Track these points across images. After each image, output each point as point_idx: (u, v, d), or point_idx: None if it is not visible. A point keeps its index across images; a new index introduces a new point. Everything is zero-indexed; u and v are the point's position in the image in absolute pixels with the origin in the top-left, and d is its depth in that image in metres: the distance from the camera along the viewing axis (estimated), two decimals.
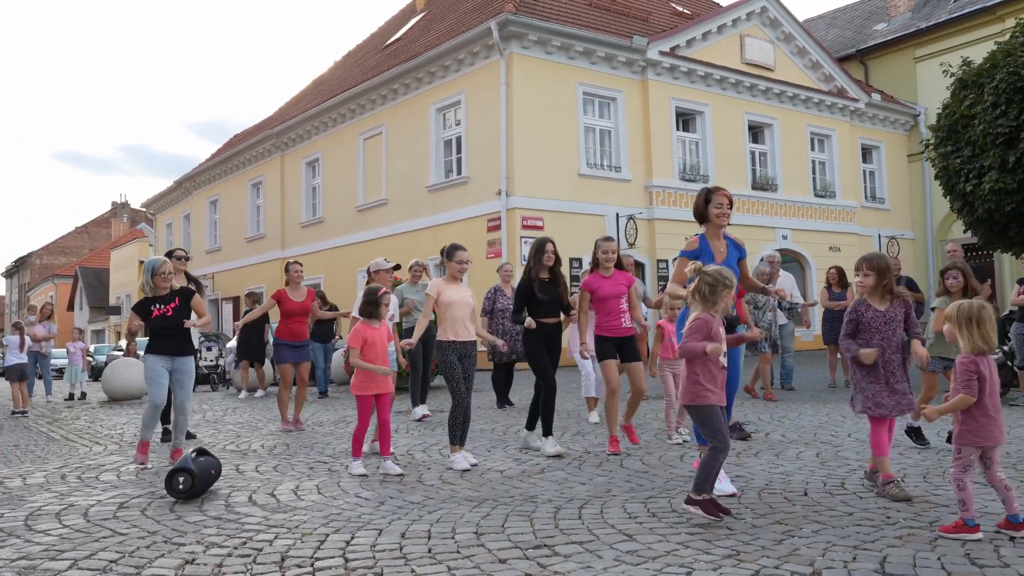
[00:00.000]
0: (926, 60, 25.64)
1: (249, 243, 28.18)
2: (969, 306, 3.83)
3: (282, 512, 4.58)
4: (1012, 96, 11.42)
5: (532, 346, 6.40)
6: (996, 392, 3.78)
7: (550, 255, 6.42)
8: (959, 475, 3.72)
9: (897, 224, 25.65)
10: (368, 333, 5.90)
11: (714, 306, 4.27)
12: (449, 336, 5.98)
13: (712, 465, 4.09)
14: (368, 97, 21.99)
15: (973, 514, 3.64)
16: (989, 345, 3.78)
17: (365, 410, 5.87)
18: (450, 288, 6.06)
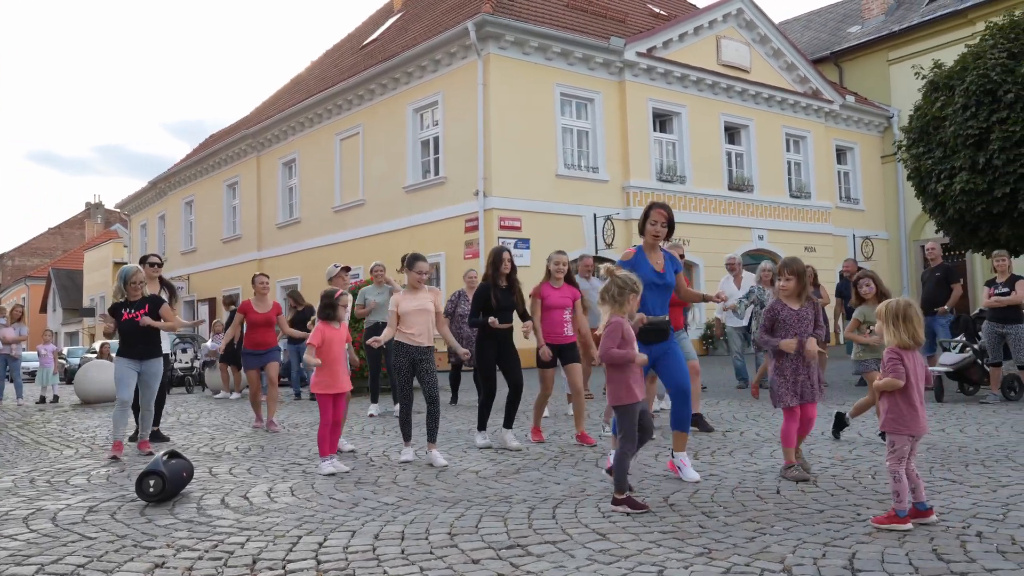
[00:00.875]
0: (899, 62, 25.94)
1: (225, 244, 27.95)
2: (896, 303, 3.99)
3: (255, 514, 4.55)
4: (982, 98, 11.58)
5: (483, 351, 6.76)
6: (920, 387, 3.94)
7: (507, 263, 6.72)
8: (895, 467, 3.85)
9: (871, 224, 25.93)
10: (327, 332, 6.07)
11: (622, 308, 4.54)
12: (403, 338, 6.21)
13: (624, 463, 4.37)
14: (345, 97, 21.90)
15: (905, 506, 3.76)
16: (915, 340, 3.93)
17: (326, 409, 6.00)
18: (407, 299, 6.27)
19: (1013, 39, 11.87)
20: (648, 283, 5.07)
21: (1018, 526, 3.76)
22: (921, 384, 3.95)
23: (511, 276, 6.81)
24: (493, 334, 6.67)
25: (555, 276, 7.08)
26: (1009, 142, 11.13)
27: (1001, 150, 11.21)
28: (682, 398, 5.19)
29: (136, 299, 6.89)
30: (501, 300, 6.68)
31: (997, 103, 11.38)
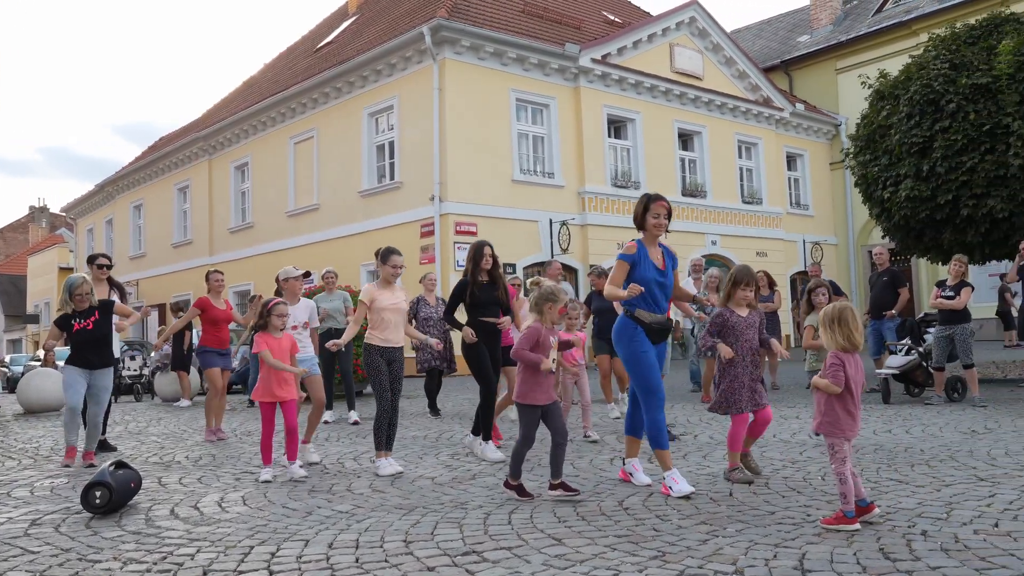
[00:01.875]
0: (846, 72, 26.57)
1: (175, 249, 27.43)
2: (832, 308, 4.09)
3: (205, 525, 4.46)
4: (925, 108, 11.89)
5: (473, 350, 6.43)
6: (858, 392, 4.01)
7: (488, 258, 6.48)
8: (839, 469, 3.92)
9: (820, 230, 26.48)
10: (269, 342, 5.91)
11: (542, 316, 4.85)
12: (377, 341, 5.97)
13: (520, 455, 4.83)
14: (299, 100, 21.67)
15: (852, 507, 3.84)
16: (851, 343, 4.00)
17: (268, 417, 5.89)
18: (382, 293, 6.03)
19: (954, 51, 12.22)
20: (651, 281, 4.94)
21: (961, 524, 3.87)
22: (858, 389, 4.02)
23: (493, 271, 6.55)
24: (482, 330, 6.41)
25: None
26: (951, 150, 11.44)
27: (943, 158, 11.52)
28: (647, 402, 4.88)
29: (84, 308, 6.65)
30: (480, 296, 6.45)
31: (940, 112, 11.69)
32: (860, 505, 3.89)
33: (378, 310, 5.96)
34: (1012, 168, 10.92)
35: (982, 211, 11.35)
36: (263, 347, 5.87)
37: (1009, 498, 4.35)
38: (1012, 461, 5.39)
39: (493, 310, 6.50)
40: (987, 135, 11.23)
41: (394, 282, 6.16)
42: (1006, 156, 11.01)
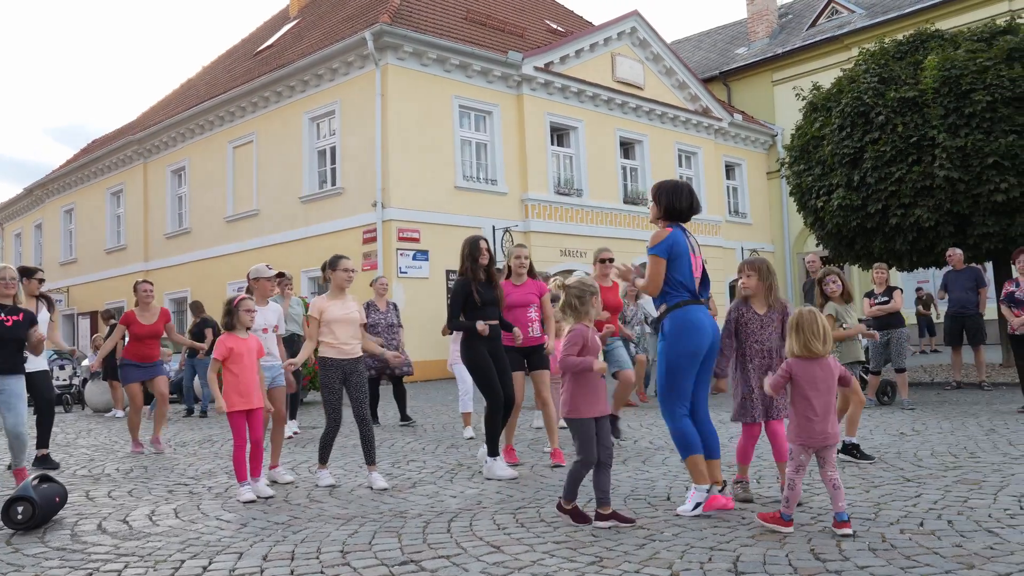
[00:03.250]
0: (782, 83, 27.27)
1: (108, 255, 26.64)
2: (797, 313, 4.09)
3: (134, 539, 4.33)
4: (856, 119, 12.28)
5: (476, 355, 5.82)
6: (820, 397, 3.94)
7: (485, 253, 5.92)
8: (791, 474, 3.96)
9: (758, 237, 27.07)
10: (233, 343, 5.50)
11: (586, 316, 4.35)
12: (332, 353, 5.67)
13: (579, 476, 4.27)
14: (238, 104, 21.29)
15: (791, 511, 3.91)
16: (808, 351, 3.97)
17: (240, 428, 5.43)
18: (334, 305, 5.71)
19: (883, 65, 12.65)
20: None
21: (888, 524, 3.98)
22: (819, 396, 3.93)
23: (489, 268, 5.96)
24: (480, 336, 5.81)
25: (516, 272, 6.40)
26: (880, 161, 11.84)
27: (873, 168, 11.91)
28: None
29: (7, 302, 5.94)
30: (484, 295, 5.86)
31: (869, 124, 12.09)
32: (837, 519, 3.84)
33: (329, 322, 5.66)
34: (937, 179, 11.34)
35: (910, 220, 11.76)
36: (224, 350, 5.43)
37: (934, 498, 4.50)
38: (937, 462, 5.58)
39: (493, 311, 5.93)
40: (914, 147, 11.64)
41: (347, 289, 5.86)
42: (932, 167, 11.43)
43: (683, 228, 4.59)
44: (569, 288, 4.38)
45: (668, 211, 4.60)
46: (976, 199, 11.34)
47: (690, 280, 4.46)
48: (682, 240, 4.48)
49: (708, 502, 4.31)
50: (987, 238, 11.55)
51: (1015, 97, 11.09)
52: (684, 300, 4.42)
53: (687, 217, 4.62)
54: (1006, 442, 6.28)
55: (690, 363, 4.40)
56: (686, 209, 4.60)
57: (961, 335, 10.80)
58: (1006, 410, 8.26)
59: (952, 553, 3.47)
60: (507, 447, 6.22)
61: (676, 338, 4.40)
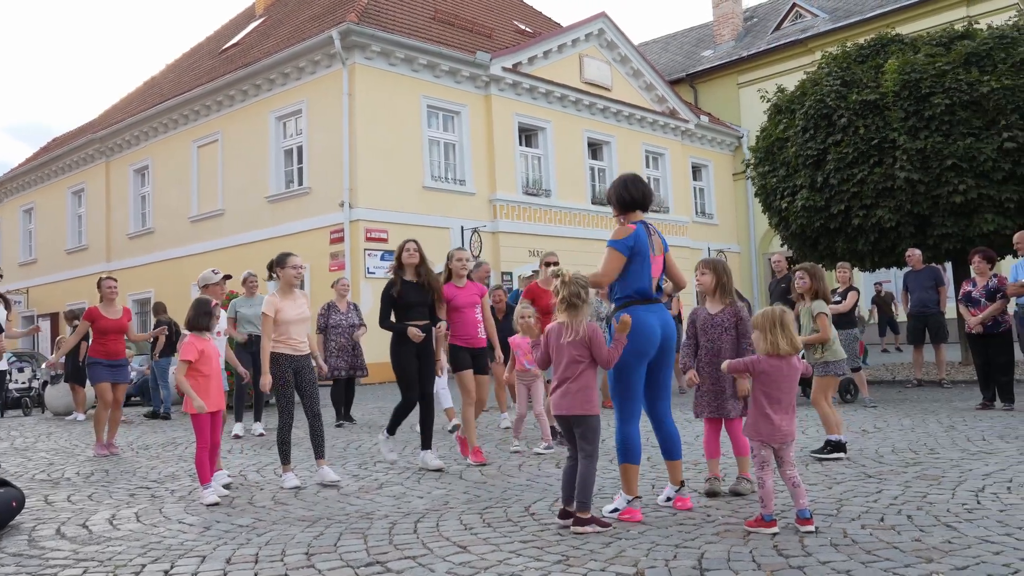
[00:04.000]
0: (747, 86, 27.60)
1: (70, 255, 26.14)
2: (771, 311, 4.10)
3: (94, 544, 4.25)
4: (819, 122, 12.46)
5: (399, 355, 6.08)
6: (782, 395, 4.00)
7: (412, 252, 6.13)
8: (758, 473, 3.99)
9: (724, 238, 27.35)
10: (202, 345, 5.51)
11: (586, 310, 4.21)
12: (284, 350, 5.75)
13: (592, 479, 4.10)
14: (203, 103, 21.02)
15: (771, 510, 3.90)
16: (775, 349, 4.01)
17: (204, 429, 5.41)
18: (286, 303, 5.77)
19: (846, 68, 12.85)
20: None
21: (850, 520, 4.04)
22: (783, 395, 3.99)
23: (421, 267, 6.13)
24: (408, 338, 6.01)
25: (458, 274, 6.51)
26: (843, 163, 12.02)
27: (836, 170, 12.09)
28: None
29: None
30: (408, 295, 6.05)
31: (832, 127, 12.27)
32: (799, 516, 3.87)
33: (284, 322, 5.72)
34: (898, 180, 11.55)
35: (871, 221, 11.96)
36: (195, 352, 5.41)
37: (894, 494, 4.57)
38: (898, 458, 5.67)
39: (421, 311, 6.11)
40: (875, 149, 11.85)
41: (296, 286, 5.91)
42: (893, 169, 11.63)
43: (647, 225, 4.51)
44: (571, 283, 4.16)
45: (622, 204, 4.54)
46: (936, 200, 11.56)
47: (646, 281, 4.38)
48: (644, 240, 4.41)
49: (625, 512, 4.22)
50: (946, 238, 11.78)
51: (972, 101, 11.33)
52: (631, 300, 4.37)
53: (644, 206, 4.55)
54: (964, 438, 6.41)
55: (637, 362, 4.32)
56: (640, 199, 4.53)
57: (924, 334, 11.01)
58: (964, 407, 8.44)
59: (911, 547, 3.53)
60: (475, 448, 6.28)
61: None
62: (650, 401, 4.54)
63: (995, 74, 11.34)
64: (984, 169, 11.20)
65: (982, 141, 11.22)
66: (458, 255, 6.52)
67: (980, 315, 8.30)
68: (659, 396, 4.54)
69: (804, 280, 6.35)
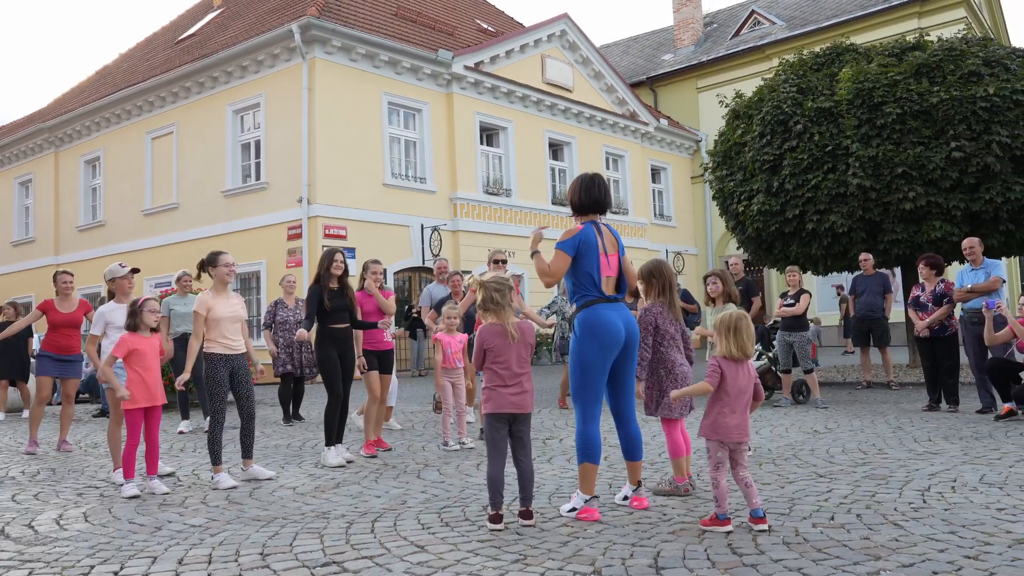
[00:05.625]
0: (706, 90, 27.95)
1: (15, 247, 25.43)
2: (729, 316, 4.20)
3: (40, 544, 4.14)
4: (775, 127, 12.67)
5: (323, 355, 6.50)
6: (740, 396, 4.08)
7: (339, 264, 6.57)
8: (713, 473, 4.03)
9: (682, 240, 27.66)
10: (136, 343, 5.52)
11: (506, 310, 4.33)
12: (218, 350, 5.77)
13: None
14: (158, 93, 20.60)
15: (725, 509, 3.96)
16: (744, 353, 4.13)
17: (135, 426, 5.48)
18: (219, 301, 5.82)
19: (802, 76, 13.10)
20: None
21: (801, 519, 4.12)
22: (742, 395, 4.07)
23: (343, 278, 6.62)
24: (333, 337, 6.49)
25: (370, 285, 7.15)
26: (798, 168, 12.24)
27: (791, 175, 12.31)
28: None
29: None
30: (335, 302, 6.50)
31: (788, 133, 12.49)
32: (753, 515, 3.94)
33: (216, 320, 5.75)
34: (851, 187, 11.80)
35: (825, 226, 12.19)
36: (128, 349, 5.47)
37: (844, 493, 4.68)
38: (848, 459, 5.80)
39: (343, 316, 6.57)
40: (829, 155, 12.09)
41: (228, 285, 5.97)
42: (846, 175, 11.88)
43: (598, 226, 4.51)
44: (487, 284, 4.35)
45: (578, 206, 4.58)
46: (886, 207, 11.83)
47: (596, 279, 4.39)
48: (592, 238, 4.42)
49: (583, 511, 4.26)
50: (896, 244, 12.07)
51: (923, 110, 11.62)
52: (593, 299, 4.40)
53: (602, 208, 4.56)
54: (911, 439, 6.58)
55: (601, 361, 4.36)
56: (595, 202, 4.53)
57: (868, 337, 11.28)
58: (912, 409, 8.66)
59: (860, 545, 3.61)
60: (368, 442, 6.89)
61: (584, 337, 4.36)
62: (614, 400, 4.58)
63: (944, 85, 11.65)
64: (933, 177, 11.49)
65: (931, 150, 11.51)
66: (373, 268, 7.19)
67: (928, 319, 8.52)
68: (622, 395, 4.58)
69: (716, 284, 6.49)
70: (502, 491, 4.17)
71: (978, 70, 11.62)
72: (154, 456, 5.57)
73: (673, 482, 4.81)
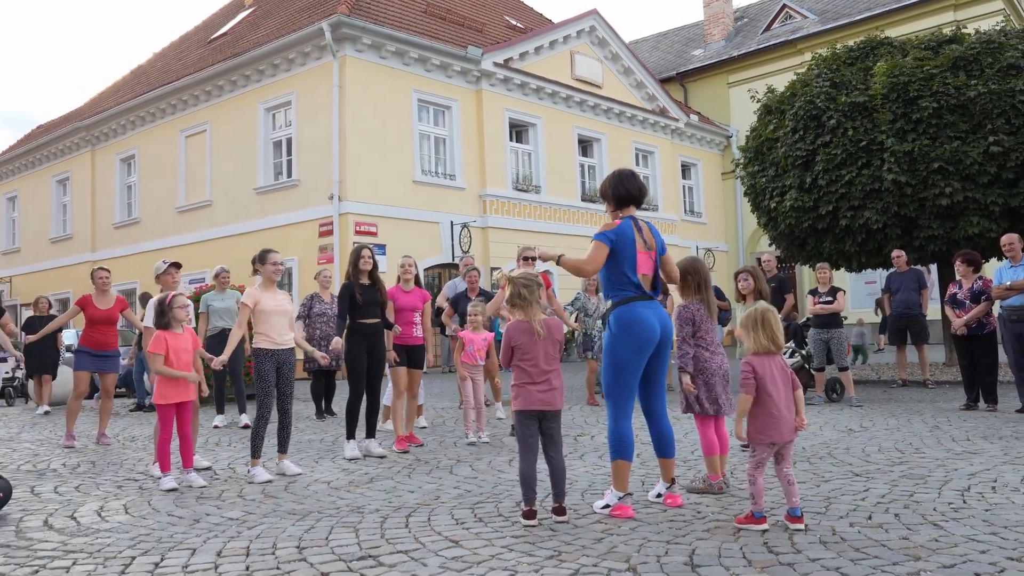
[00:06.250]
0: (737, 85, 27.69)
1: (54, 244, 25.92)
2: (755, 310, 4.15)
3: (83, 535, 4.23)
4: (808, 123, 12.52)
5: (351, 350, 6.60)
6: (780, 391, 4.01)
7: (367, 260, 6.66)
8: (751, 471, 3.99)
9: (712, 236, 27.46)
10: (171, 340, 5.66)
11: (534, 306, 4.32)
12: (265, 344, 5.86)
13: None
14: (191, 92, 20.87)
15: (762, 507, 3.93)
16: (775, 344, 4.08)
17: (167, 420, 5.62)
18: (266, 296, 5.92)
19: (835, 70, 12.93)
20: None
21: (838, 518, 4.08)
22: (781, 390, 4.00)
23: (373, 273, 6.70)
24: (362, 332, 6.55)
25: (404, 279, 7.17)
26: (831, 164, 12.09)
27: (825, 171, 12.17)
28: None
29: None
30: (365, 297, 6.58)
31: (821, 128, 12.34)
32: (791, 514, 3.90)
33: (263, 313, 5.86)
34: (885, 182, 11.63)
35: (859, 222, 12.04)
36: (161, 347, 5.59)
37: (881, 492, 4.62)
38: (884, 457, 5.73)
39: (374, 311, 6.63)
40: (863, 151, 11.93)
41: (275, 282, 6.06)
42: (880, 171, 11.72)
43: (636, 222, 4.51)
44: (516, 280, 4.34)
45: (616, 198, 4.60)
46: (922, 203, 11.65)
47: (631, 275, 4.36)
48: (629, 233, 4.41)
49: (616, 508, 4.26)
50: (932, 240, 11.88)
51: (959, 104, 11.42)
52: (629, 296, 4.38)
53: (637, 202, 4.59)
54: (949, 438, 6.48)
55: (636, 360, 4.35)
56: (633, 193, 4.57)
57: (905, 334, 11.11)
58: (949, 408, 8.52)
59: (899, 545, 3.57)
60: (399, 437, 6.93)
61: (620, 335, 4.33)
62: (645, 398, 4.57)
63: (982, 79, 11.44)
64: (970, 172, 11.29)
65: (968, 145, 11.31)
66: (404, 262, 7.27)
67: (965, 317, 8.38)
68: (654, 393, 4.57)
69: (748, 281, 6.38)
70: (535, 487, 4.18)
71: (1017, 63, 11.40)
72: (189, 450, 5.69)
73: (707, 480, 4.78)
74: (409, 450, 6.80)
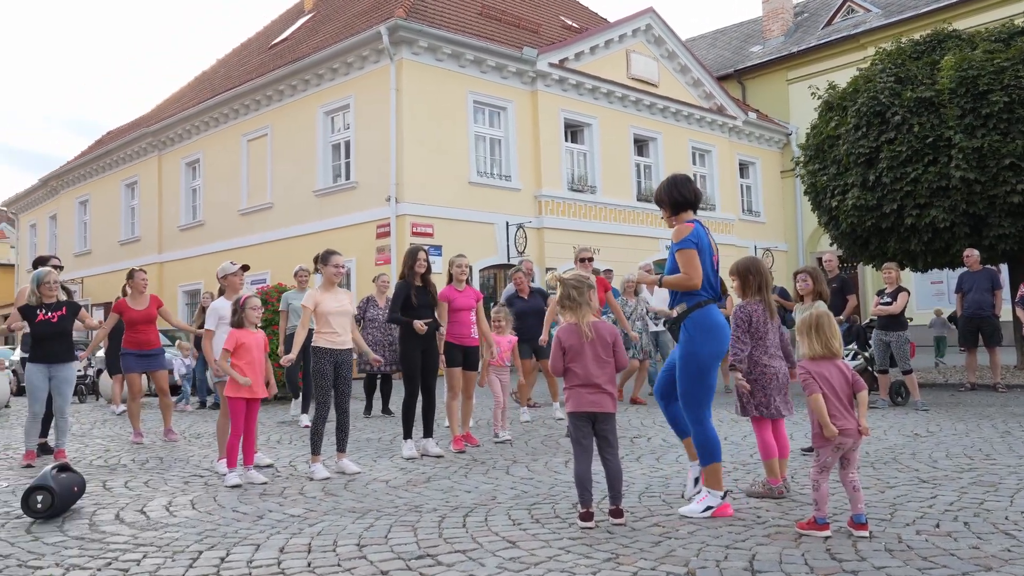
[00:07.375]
0: (797, 82, 27.14)
1: (123, 246, 26.80)
2: (809, 315, 4.09)
3: (152, 529, 4.37)
4: (871, 119, 12.21)
5: (406, 352, 6.75)
6: (841, 395, 3.93)
7: (422, 262, 6.76)
8: (815, 476, 3.91)
9: (771, 236, 26.97)
10: (243, 337, 5.82)
11: (585, 308, 4.33)
12: (325, 344, 5.98)
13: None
14: (252, 97, 21.36)
15: (825, 513, 3.84)
16: (829, 349, 4.00)
17: (237, 415, 5.74)
18: (327, 297, 6.04)
19: (900, 65, 12.57)
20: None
21: (904, 525, 3.97)
22: (842, 392, 3.93)
23: (425, 276, 6.81)
24: (416, 333, 6.64)
25: (457, 279, 7.17)
26: (896, 161, 11.77)
27: (889, 168, 11.84)
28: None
29: (51, 301, 6.75)
30: (419, 298, 6.70)
31: (885, 124, 12.02)
32: (855, 520, 3.82)
33: (324, 314, 5.97)
34: (953, 180, 11.28)
35: (925, 221, 11.70)
36: (234, 342, 5.75)
37: (950, 499, 4.49)
38: (952, 464, 5.56)
39: (427, 313, 6.73)
40: (930, 147, 11.58)
41: (336, 283, 6.17)
42: (948, 168, 11.36)
43: (702, 224, 4.55)
44: (566, 281, 4.37)
45: (674, 205, 4.62)
46: (992, 200, 11.26)
47: (714, 278, 4.44)
48: (704, 236, 4.47)
49: (719, 508, 4.27)
50: (1003, 239, 11.47)
51: None
52: (704, 299, 4.38)
53: (694, 206, 4.62)
54: (1021, 444, 6.25)
55: (715, 363, 4.41)
56: (691, 199, 4.60)
57: (976, 336, 10.74)
58: (1021, 412, 8.22)
59: (969, 555, 3.46)
60: (455, 437, 6.95)
61: (702, 339, 4.34)
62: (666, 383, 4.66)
63: None
64: None
65: None
66: (458, 262, 7.21)
67: None
68: None
69: (807, 282, 6.37)
70: (590, 489, 4.17)
71: None
72: (251, 447, 5.84)
73: (766, 484, 4.70)
74: (466, 450, 6.85)
